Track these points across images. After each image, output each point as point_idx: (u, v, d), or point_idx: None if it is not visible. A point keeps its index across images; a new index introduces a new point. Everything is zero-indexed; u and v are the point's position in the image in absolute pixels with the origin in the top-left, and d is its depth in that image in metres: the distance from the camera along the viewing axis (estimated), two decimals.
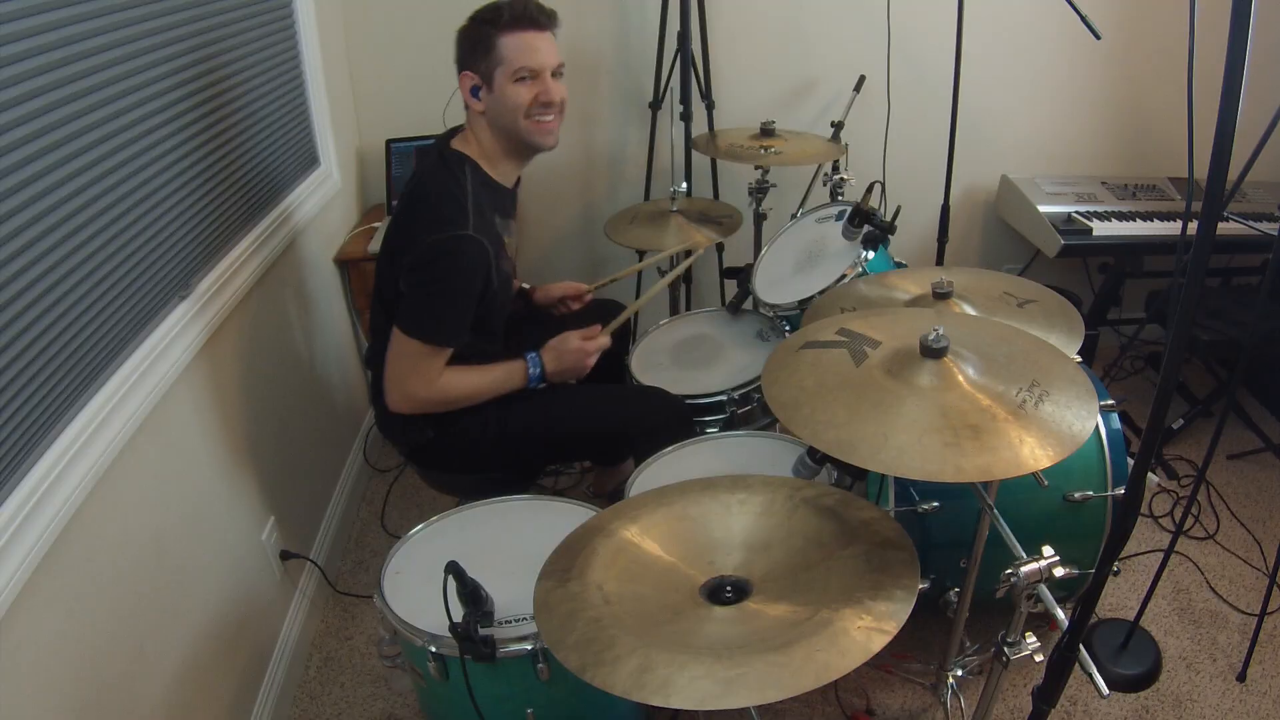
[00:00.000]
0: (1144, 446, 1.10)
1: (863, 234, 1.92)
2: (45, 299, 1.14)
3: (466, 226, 1.52)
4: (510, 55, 1.55)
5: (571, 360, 1.72)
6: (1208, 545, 2.21)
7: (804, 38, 2.66)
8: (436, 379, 1.61)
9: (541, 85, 1.58)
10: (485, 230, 1.56)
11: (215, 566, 1.60)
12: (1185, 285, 0.97)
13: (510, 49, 1.55)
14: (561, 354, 1.72)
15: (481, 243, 1.53)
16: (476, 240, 1.52)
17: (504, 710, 1.32)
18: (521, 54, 1.55)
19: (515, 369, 1.70)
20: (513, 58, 1.55)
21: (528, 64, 1.56)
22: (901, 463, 1.01)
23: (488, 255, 1.55)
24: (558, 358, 1.72)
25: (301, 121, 2.17)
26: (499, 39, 1.54)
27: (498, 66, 1.56)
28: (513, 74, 1.56)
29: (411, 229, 1.56)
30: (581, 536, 1.18)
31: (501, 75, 1.56)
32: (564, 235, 2.91)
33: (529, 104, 1.58)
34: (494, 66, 1.56)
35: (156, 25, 1.44)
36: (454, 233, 1.51)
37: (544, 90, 1.58)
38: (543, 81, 1.58)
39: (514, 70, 1.55)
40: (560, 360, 1.72)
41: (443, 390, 1.62)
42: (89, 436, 1.21)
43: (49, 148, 1.15)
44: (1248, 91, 0.85)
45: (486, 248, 1.54)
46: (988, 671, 1.30)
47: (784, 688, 0.87)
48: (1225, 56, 0.84)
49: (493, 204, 1.65)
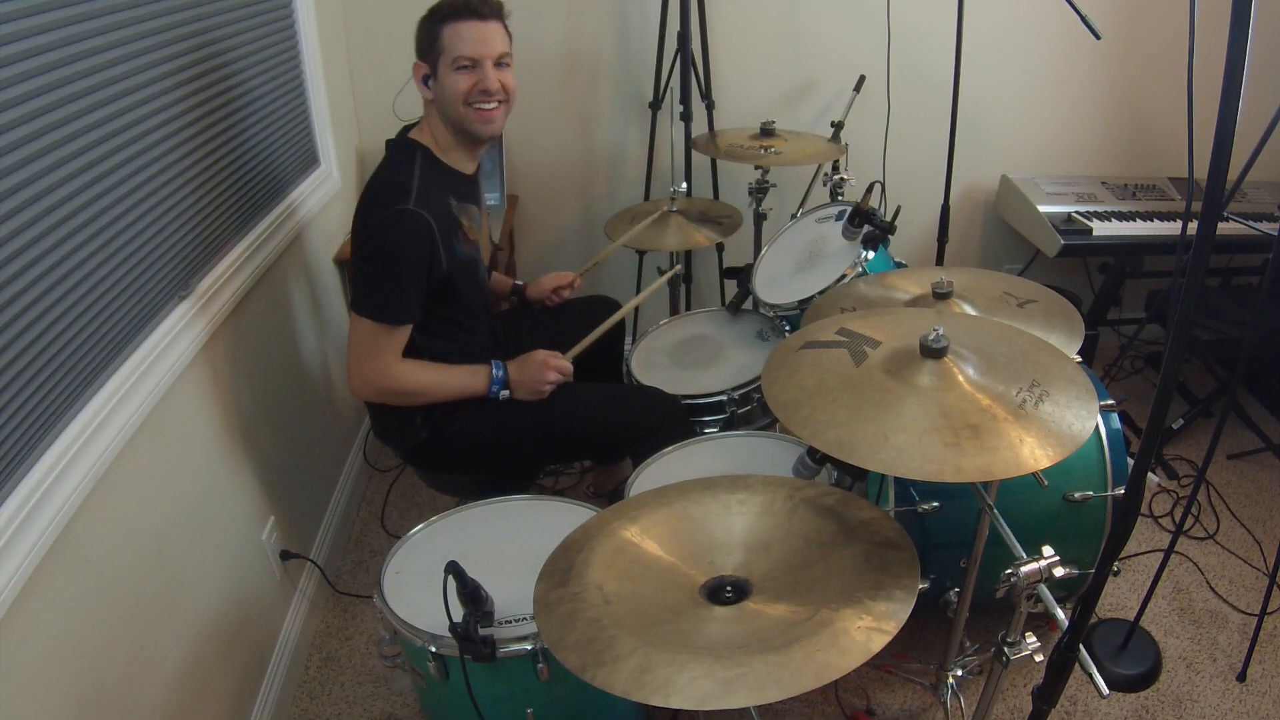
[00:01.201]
0: (1144, 446, 1.10)
1: (863, 234, 1.92)
2: (45, 299, 1.14)
3: (407, 201, 1.55)
4: (450, 44, 1.60)
5: (532, 372, 1.72)
6: (1208, 545, 2.21)
7: (804, 38, 2.66)
8: (393, 364, 1.61)
9: (480, 74, 1.61)
10: (431, 208, 1.57)
11: (215, 566, 1.60)
12: (1185, 285, 0.97)
13: (450, 39, 1.59)
14: (525, 365, 1.73)
15: (422, 216, 1.55)
16: (416, 214, 1.54)
17: (504, 710, 1.32)
18: (460, 43, 1.60)
19: (479, 373, 1.71)
20: (452, 46, 1.60)
21: (466, 53, 1.60)
22: (901, 463, 1.01)
23: (430, 229, 1.56)
24: (521, 368, 1.72)
25: (301, 121, 2.17)
26: (442, 29, 1.60)
27: (440, 56, 1.61)
28: (453, 63, 1.60)
29: (359, 214, 1.62)
30: (581, 536, 1.18)
31: (444, 64, 1.61)
32: (564, 235, 2.91)
33: (467, 91, 1.61)
34: (438, 56, 1.61)
35: (156, 25, 1.44)
36: (394, 208, 1.54)
37: (483, 78, 1.61)
38: (481, 70, 1.61)
39: (454, 59, 1.60)
40: (523, 371, 1.72)
41: (398, 378, 1.62)
42: (89, 436, 1.21)
43: (49, 148, 1.15)
44: (1248, 91, 0.85)
45: (429, 222, 1.56)
46: (988, 671, 1.30)
47: (784, 688, 0.87)
48: (1225, 56, 0.84)
49: (445, 186, 1.67)
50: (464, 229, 1.68)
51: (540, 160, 2.77)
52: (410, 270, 1.57)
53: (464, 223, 1.68)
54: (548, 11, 2.56)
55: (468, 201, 1.73)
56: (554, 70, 2.65)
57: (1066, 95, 2.78)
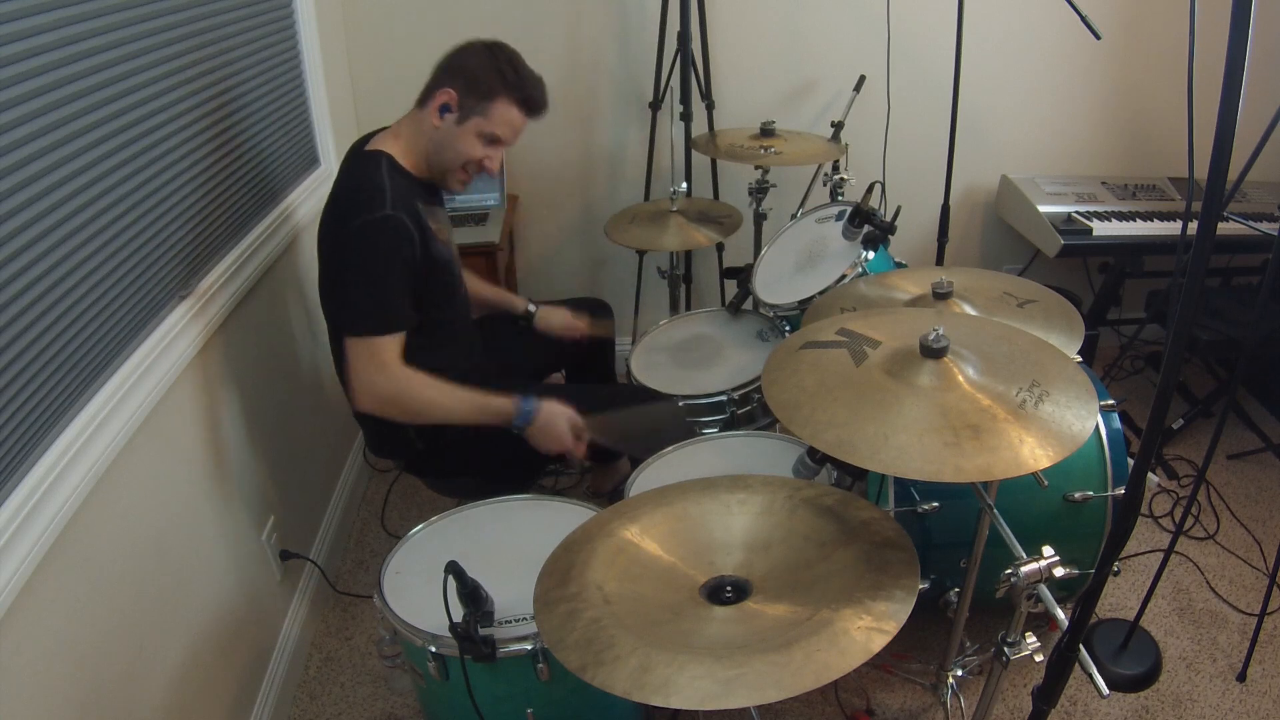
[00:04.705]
0: (1144, 446, 1.10)
1: (863, 234, 1.92)
2: (45, 299, 1.14)
3: (385, 206, 1.51)
4: (497, 120, 1.58)
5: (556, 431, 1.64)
6: (1208, 545, 2.21)
7: (804, 38, 2.66)
8: (397, 369, 1.54)
9: (494, 154, 1.62)
10: (406, 210, 1.55)
11: (215, 566, 1.60)
12: (1185, 285, 0.97)
13: (501, 116, 1.58)
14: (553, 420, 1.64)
15: (403, 219, 1.53)
16: (397, 217, 1.52)
17: (504, 710, 1.32)
18: (505, 128, 1.60)
19: (505, 404, 1.62)
20: (497, 124, 1.59)
21: (502, 136, 1.60)
22: (901, 463, 1.01)
23: (410, 231, 1.54)
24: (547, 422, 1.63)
25: (301, 121, 2.17)
26: (500, 100, 1.57)
27: (478, 116, 1.58)
28: (484, 133, 1.59)
29: (333, 223, 1.57)
30: (581, 536, 1.18)
31: (474, 124, 1.58)
32: (564, 235, 2.91)
33: (474, 161, 1.62)
34: (475, 113, 1.58)
35: (156, 25, 1.44)
36: (376, 214, 1.50)
37: (491, 160, 1.62)
38: (497, 152, 1.62)
39: (488, 132, 1.59)
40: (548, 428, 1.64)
41: (401, 386, 1.55)
42: (89, 436, 1.21)
43: (49, 148, 1.15)
44: (1248, 91, 0.85)
45: (408, 224, 1.53)
46: (988, 671, 1.30)
47: (784, 688, 0.87)
48: (1225, 56, 0.84)
49: (412, 191, 1.63)
50: (434, 231, 1.65)
51: (540, 160, 2.77)
52: (400, 273, 1.54)
53: (433, 225, 1.65)
54: (548, 12, 2.56)
55: (433, 204, 1.70)
56: (554, 70, 2.64)
57: (1066, 95, 2.78)
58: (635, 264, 2.84)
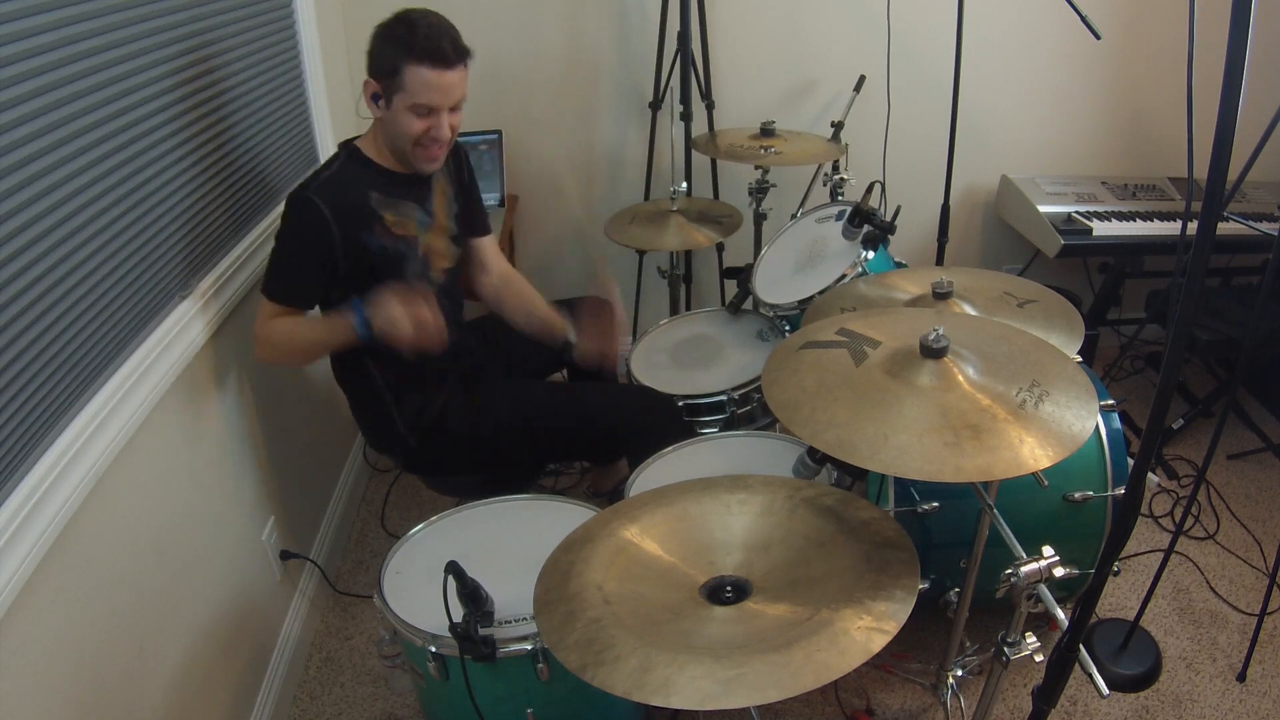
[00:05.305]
0: (1144, 446, 1.10)
1: (863, 234, 1.92)
2: (45, 299, 1.14)
3: (309, 188, 1.56)
4: (411, 87, 1.54)
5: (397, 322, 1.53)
6: (1208, 545, 2.21)
7: (804, 38, 2.66)
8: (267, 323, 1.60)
9: (434, 121, 1.58)
10: (335, 198, 1.56)
11: (215, 566, 1.60)
12: (1185, 285, 0.97)
13: (413, 81, 1.53)
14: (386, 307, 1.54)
15: (313, 203, 1.54)
16: (312, 201, 1.54)
17: (504, 710, 1.32)
18: (422, 90, 1.54)
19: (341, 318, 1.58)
20: (412, 90, 1.54)
21: (426, 101, 1.55)
22: (901, 463, 1.01)
23: (322, 217, 1.54)
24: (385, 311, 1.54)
25: (301, 121, 2.16)
26: (405, 67, 1.52)
27: (398, 92, 1.55)
28: (410, 105, 1.56)
29: None
30: (581, 536, 1.18)
31: (399, 101, 1.56)
32: (564, 235, 2.91)
33: (419, 135, 1.59)
34: (394, 90, 1.55)
35: (156, 25, 1.44)
36: (298, 194, 1.56)
37: (436, 126, 1.58)
38: (436, 117, 1.58)
39: (412, 103, 1.55)
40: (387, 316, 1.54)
41: (269, 333, 1.59)
42: (89, 436, 1.21)
43: (49, 148, 1.15)
44: (1248, 91, 0.85)
45: (319, 208, 1.54)
46: (988, 671, 1.30)
47: (784, 688, 0.87)
48: (1225, 56, 0.84)
49: (366, 181, 1.63)
50: (385, 222, 1.63)
51: (540, 160, 2.77)
52: (301, 253, 1.58)
53: (386, 216, 1.64)
54: (548, 11, 2.56)
55: (399, 198, 1.67)
56: (554, 70, 2.65)
57: (1066, 95, 2.78)
58: (635, 264, 2.85)
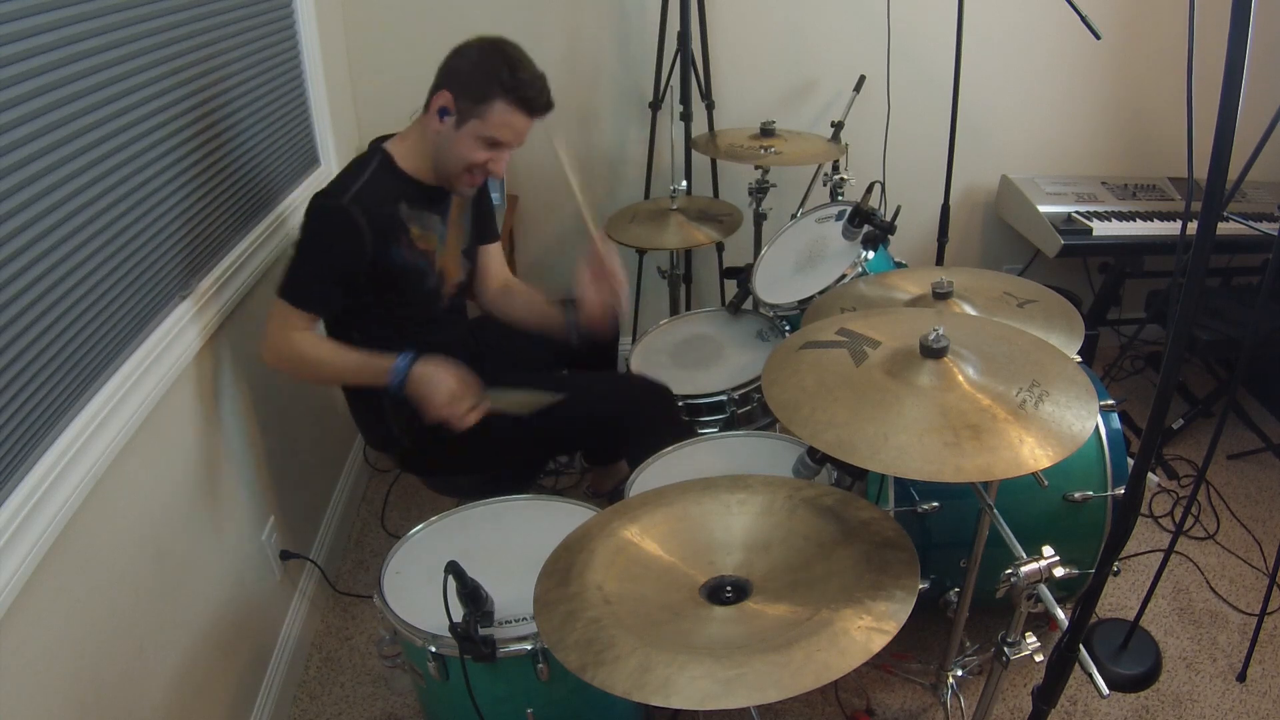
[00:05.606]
0: (1144, 446, 1.10)
1: (863, 234, 1.92)
2: (45, 299, 1.14)
3: (341, 196, 1.52)
4: (494, 123, 1.54)
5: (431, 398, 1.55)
6: (1208, 545, 2.21)
7: (804, 38, 2.66)
8: (291, 333, 1.56)
9: (497, 157, 1.59)
10: (367, 207, 1.54)
11: (215, 566, 1.60)
12: (1185, 285, 0.97)
13: (498, 118, 1.54)
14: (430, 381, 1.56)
15: (349, 213, 1.52)
16: (344, 210, 1.52)
17: (504, 710, 1.32)
18: (505, 130, 1.56)
19: (384, 363, 1.58)
20: (495, 127, 1.55)
21: (502, 138, 1.56)
22: (901, 463, 1.01)
23: (356, 227, 1.52)
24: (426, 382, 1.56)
25: (301, 121, 2.16)
26: (496, 100, 1.53)
27: (475, 119, 1.55)
28: (482, 135, 1.56)
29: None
30: (581, 536, 1.18)
31: (473, 128, 1.55)
32: (564, 235, 2.91)
33: (478, 164, 1.59)
34: (472, 116, 1.55)
35: (156, 25, 1.44)
36: (330, 200, 1.53)
37: (495, 162, 1.59)
38: (500, 155, 1.59)
39: (487, 135, 1.55)
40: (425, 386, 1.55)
41: (293, 345, 1.56)
42: (89, 436, 1.21)
43: (49, 148, 1.15)
44: (1248, 91, 0.85)
45: (356, 219, 1.52)
46: (988, 671, 1.30)
47: (784, 688, 0.87)
48: (1225, 56, 0.84)
49: (396, 192, 1.62)
50: (410, 236, 1.62)
51: (540, 160, 2.77)
52: (328, 260, 1.55)
53: (412, 230, 1.63)
54: (548, 11, 2.56)
55: (425, 210, 1.66)
56: (554, 70, 2.59)
57: (1066, 95, 2.78)
58: (635, 263, 2.84)
